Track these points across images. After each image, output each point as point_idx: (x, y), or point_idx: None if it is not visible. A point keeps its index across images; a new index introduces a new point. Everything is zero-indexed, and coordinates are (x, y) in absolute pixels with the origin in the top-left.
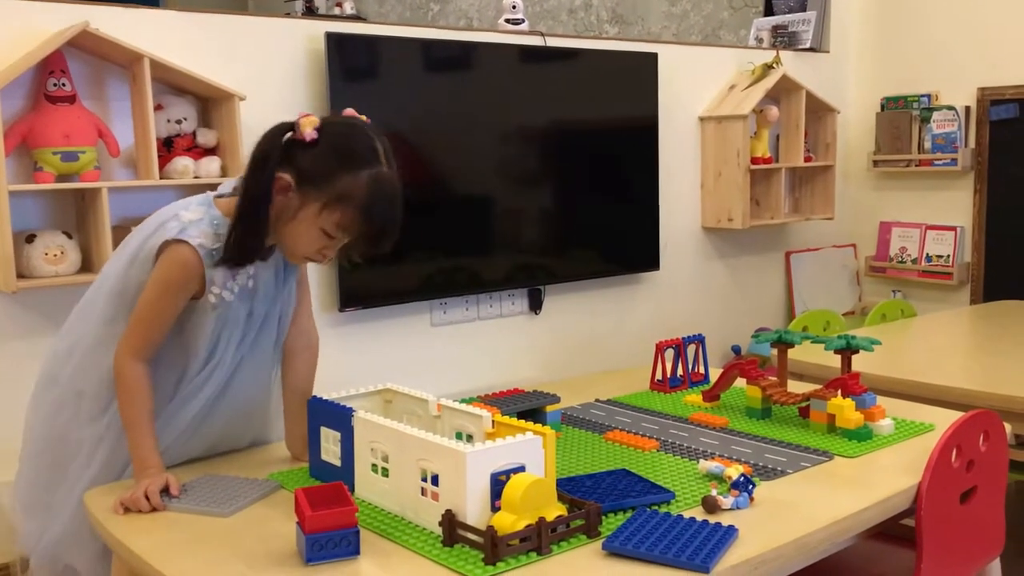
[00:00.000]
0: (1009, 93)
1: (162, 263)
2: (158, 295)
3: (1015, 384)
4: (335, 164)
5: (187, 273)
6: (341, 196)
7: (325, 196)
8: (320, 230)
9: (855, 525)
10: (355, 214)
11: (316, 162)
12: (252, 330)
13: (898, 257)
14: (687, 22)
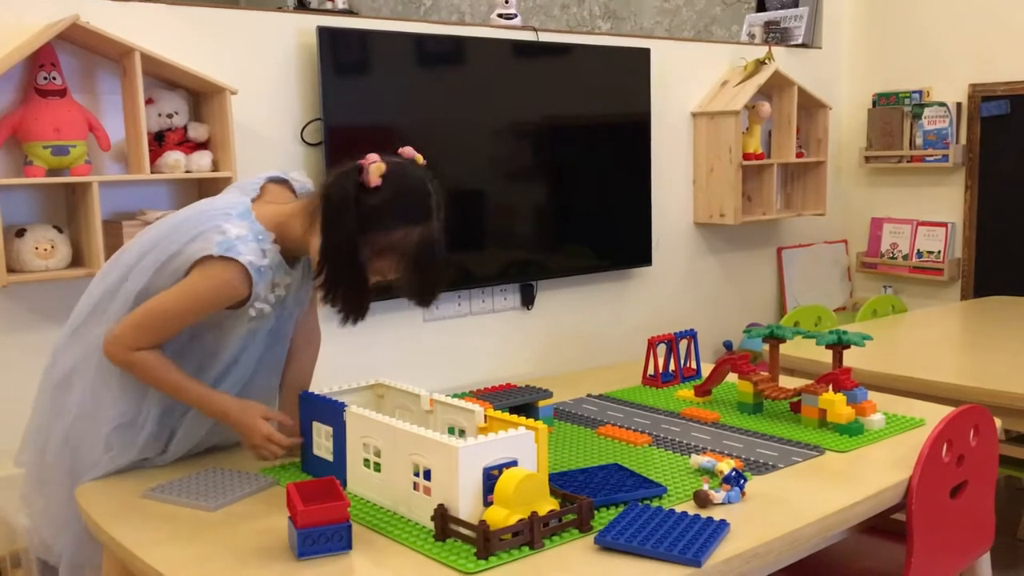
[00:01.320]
0: (1000, 89)
1: (200, 276)
2: (184, 306)
3: (1005, 379)
4: (395, 217)
5: (228, 293)
6: (393, 247)
7: (379, 244)
8: (363, 268)
9: (846, 519)
10: (401, 265)
11: (377, 212)
12: (273, 334)
13: (889, 253)
14: (679, 18)
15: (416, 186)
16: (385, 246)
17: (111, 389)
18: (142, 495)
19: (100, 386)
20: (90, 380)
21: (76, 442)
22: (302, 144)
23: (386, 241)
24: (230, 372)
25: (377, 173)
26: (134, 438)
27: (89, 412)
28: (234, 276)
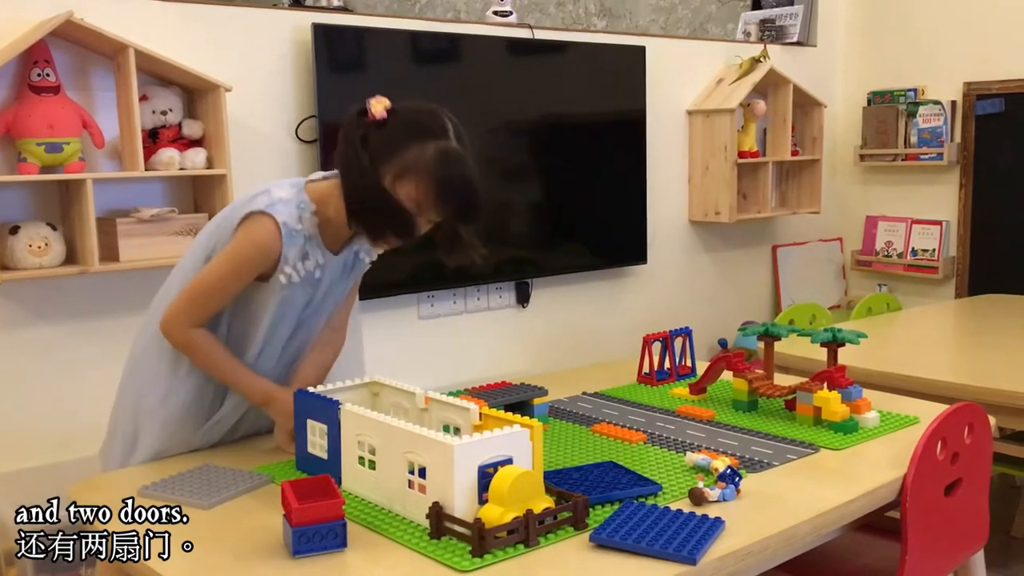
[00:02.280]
0: (995, 88)
1: (241, 235)
2: (228, 269)
3: (1000, 377)
4: (403, 137)
5: (264, 248)
6: (409, 167)
7: (395, 168)
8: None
9: (840, 517)
10: (425, 185)
11: (386, 139)
12: (305, 321)
13: (884, 251)
14: (675, 15)
15: (424, 108)
16: (402, 169)
17: (166, 373)
18: (137, 492)
19: (159, 368)
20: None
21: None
22: (297, 141)
23: (401, 164)
24: (257, 361)
25: (381, 107)
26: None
27: (147, 394)
28: (269, 231)
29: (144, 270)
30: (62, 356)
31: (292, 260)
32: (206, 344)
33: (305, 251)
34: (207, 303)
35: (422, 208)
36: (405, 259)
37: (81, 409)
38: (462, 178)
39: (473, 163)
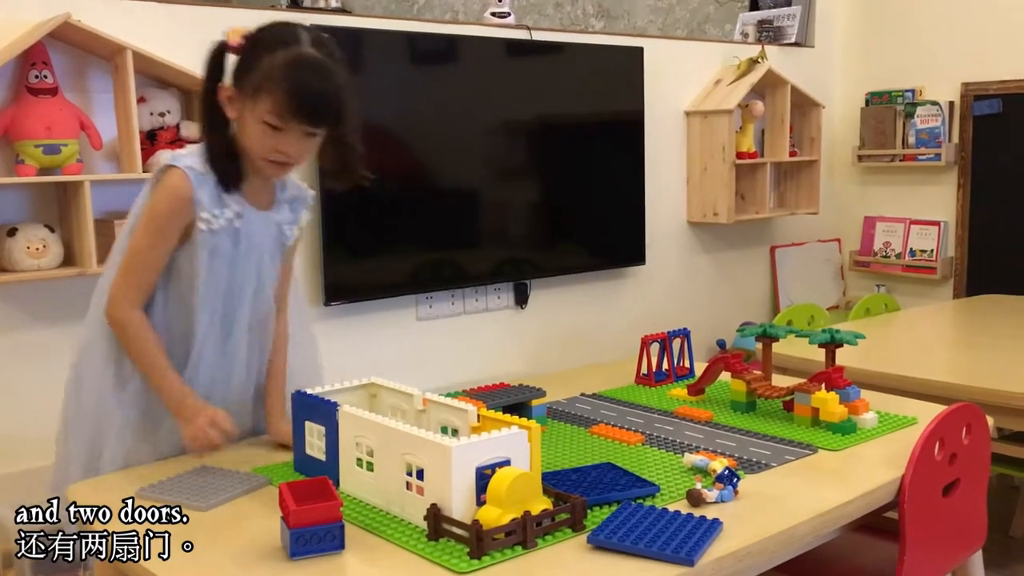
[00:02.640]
0: (992, 88)
1: (153, 195)
2: (150, 228)
3: (998, 377)
4: (255, 54)
5: (176, 195)
6: (263, 79)
7: (251, 85)
8: (261, 124)
9: (839, 518)
10: (280, 93)
11: (242, 61)
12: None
13: (882, 252)
14: (673, 16)
15: (277, 24)
16: (257, 82)
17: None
18: (136, 494)
19: (105, 370)
20: (103, 348)
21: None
22: None
23: (256, 79)
24: (203, 341)
25: (237, 36)
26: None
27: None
28: (178, 177)
29: None
30: (60, 358)
31: (207, 205)
32: (141, 328)
33: (218, 197)
34: (141, 271)
35: (283, 119)
36: (403, 260)
37: None
38: (315, 81)
39: (336, 67)
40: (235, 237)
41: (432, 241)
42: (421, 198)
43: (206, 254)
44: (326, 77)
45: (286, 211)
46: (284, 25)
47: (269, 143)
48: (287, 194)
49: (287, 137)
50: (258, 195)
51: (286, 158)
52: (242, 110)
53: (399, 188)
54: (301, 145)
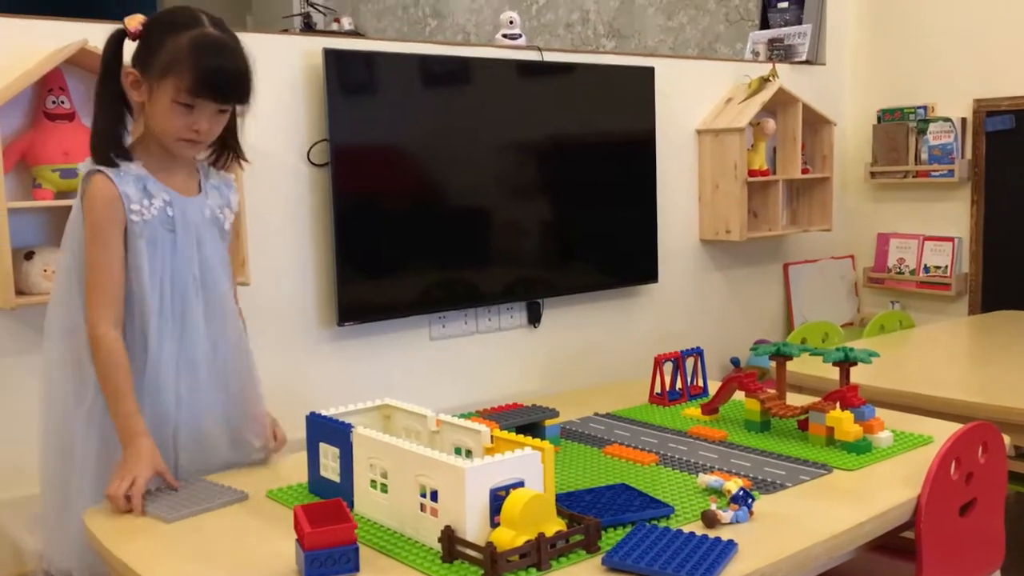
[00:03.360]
0: (1005, 104)
1: (85, 208)
2: (95, 241)
3: (1014, 395)
4: (158, 37)
5: (104, 198)
6: (169, 61)
7: (158, 67)
8: (171, 103)
9: (854, 539)
10: (185, 70)
11: (146, 45)
12: (185, 264)
13: (896, 268)
14: (683, 36)
15: (176, 9)
16: (164, 64)
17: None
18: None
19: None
20: (59, 367)
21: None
22: (308, 165)
23: (163, 61)
24: (160, 335)
25: (136, 22)
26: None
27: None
28: (100, 181)
29: None
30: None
31: (135, 198)
32: (112, 349)
33: (144, 189)
34: (106, 284)
35: (195, 97)
36: (416, 280)
37: None
38: (219, 57)
39: (236, 45)
40: (170, 224)
41: (445, 261)
42: (434, 218)
43: (144, 243)
44: (233, 54)
45: (216, 196)
46: (183, 8)
47: (182, 122)
48: (211, 181)
49: (199, 115)
50: (182, 183)
51: (198, 136)
52: (150, 93)
53: (412, 208)
54: (213, 121)
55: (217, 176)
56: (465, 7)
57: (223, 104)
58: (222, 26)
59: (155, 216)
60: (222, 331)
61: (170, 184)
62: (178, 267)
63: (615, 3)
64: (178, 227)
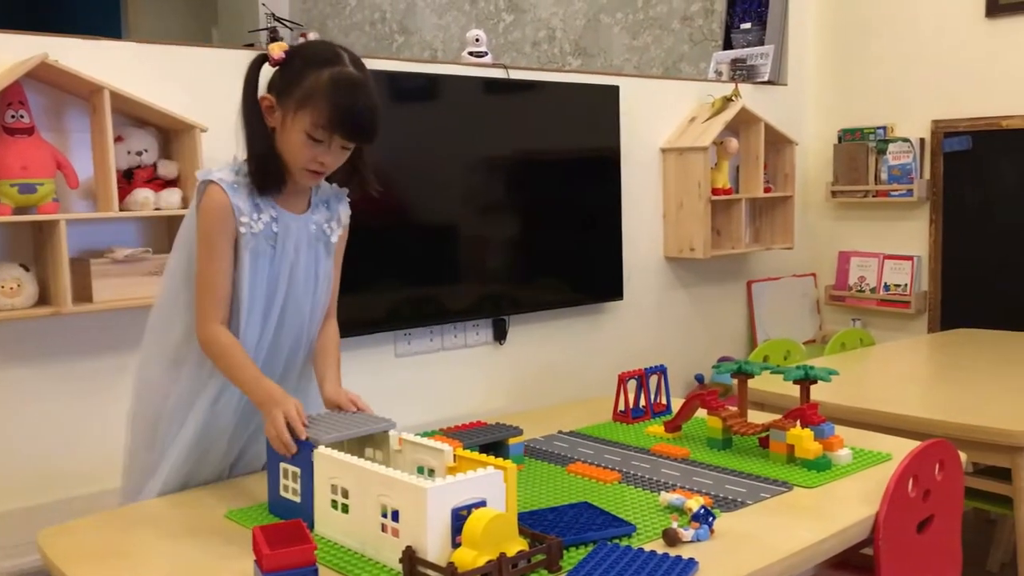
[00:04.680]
0: (962, 125)
1: (199, 216)
2: (206, 248)
3: (971, 412)
4: (300, 68)
5: (217, 208)
6: (308, 94)
7: (296, 98)
8: (304, 135)
9: (814, 556)
10: (323, 106)
11: (286, 74)
12: (280, 288)
13: (857, 286)
14: (648, 55)
15: (319, 41)
16: (301, 96)
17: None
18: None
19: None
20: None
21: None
22: None
23: (300, 94)
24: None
25: (280, 49)
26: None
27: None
28: (214, 191)
29: (118, 311)
30: (35, 398)
31: (246, 211)
32: (225, 342)
33: (255, 204)
34: (213, 289)
35: (326, 133)
36: (382, 297)
37: (55, 452)
38: (356, 98)
39: (372, 86)
40: (273, 239)
41: (410, 277)
42: (399, 235)
43: (248, 255)
44: (368, 96)
45: (323, 210)
46: (325, 44)
47: (309, 153)
48: (321, 196)
49: (327, 149)
50: (291, 202)
51: (322, 168)
52: (283, 120)
53: (377, 224)
54: (337, 156)
55: (329, 189)
56: (432, 24)
57: (351, 143)
58: (360, 65)
59: (261, 230)
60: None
61: (282, 200)
62: (272, 280)
63: (581, 22)
64: (279, 242)
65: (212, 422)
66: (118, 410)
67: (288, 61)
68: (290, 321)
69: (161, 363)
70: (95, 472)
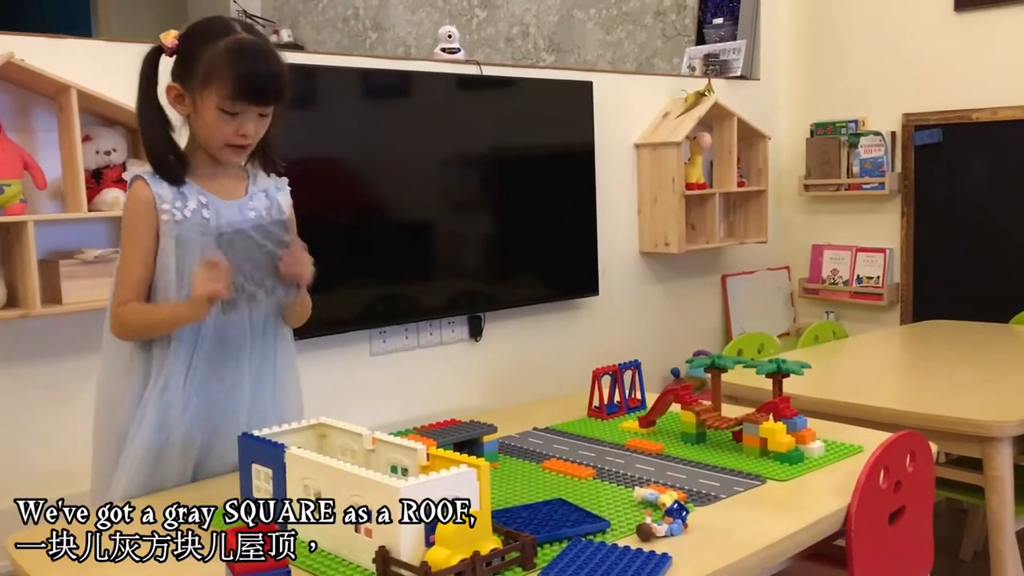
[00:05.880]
0: (933, 119)
1: (124, 212)
2: (125, 240)
3: (942, 403)
4: (196, 47)
5: (139, 201)
6: (209, 69)
7: (199, 77)
8: (216, 111)
9: (787, 548)
10: (228, 77)
11: (184, 57)
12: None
13: (830, 279)
14: (622, 50)
15: (208, 20)
16: (204, 73)
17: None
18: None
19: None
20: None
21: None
22: None
23: (203, 70)
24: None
25: (171, 37)
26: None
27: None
28: (138, 186)
29: (87, 312)
30: (3, 400)
31: (168, 199)
32: (132, 306)
33: (180, 193)
34: (126, 278)
35: (237, 103)
36: (357, 295)
37: (22, 455)
38: (261, 62)
39: (270, 48)
40: (205, 226)
41: (385, 275)
42: (374, 232)
43: (172, 243)
44: (269, 58)
45: (262, 199)
46: (215, 18)
47: (228, 128)
48: (259, 185)
49: (243, 120)
50: (228, 188)
51: (244, 140)
52: (193, 104)
53: (352, 222)
54: (257, 125)
55: (267, 179)
56: (406, 20)
57: (264, 107)
58: (253, 31)
59: (188, 218)
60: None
61: (214, 189)
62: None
63: (555, 18)
64: (211, 230)
65: (158, 430)
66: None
67: (183, 45)
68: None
69: (115, 375)
70: (64, 475)
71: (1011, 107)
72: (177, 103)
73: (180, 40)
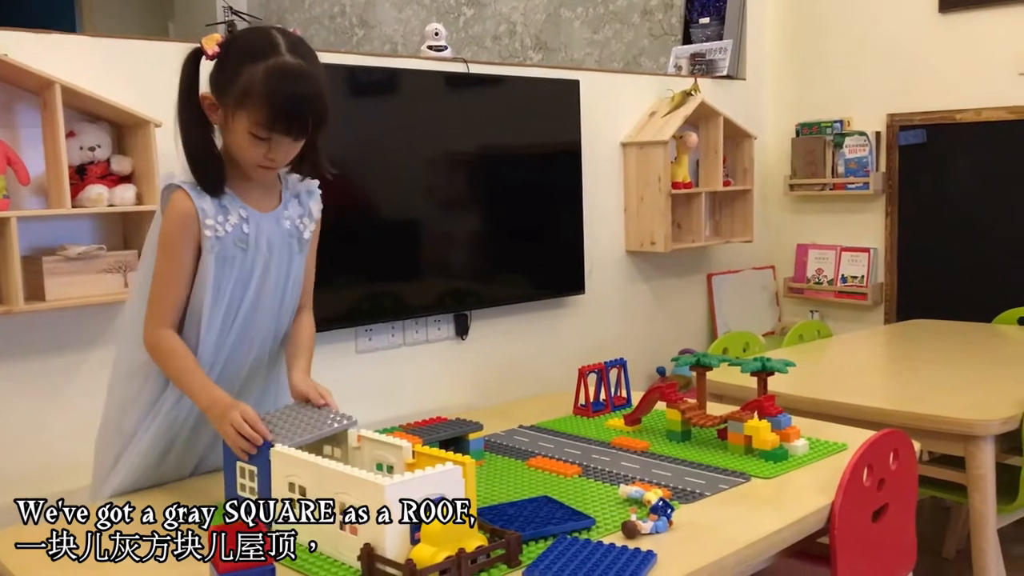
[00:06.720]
0: (917, 119)
1: (162, 220)
2: (165, 253)
3: (925, 402)
4: (235, 64)
5: (181, 213)
6: (245, 92)
7: (234, 97)
8: (248, 134)
9: (771, 546)
10: (262, 105)
11: (222, 70)
12: (253, 281)
13: (815, 278)
14: (609, 49)
15: (253, 32)
16: (239, 95)
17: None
18: None
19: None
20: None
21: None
22: None
23: (238, 91)
24: (216, 318)
25: (213, 43)
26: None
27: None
28: (179, 197)
29: (71, 309)
30: None
31: (211, 214)
32: (170, 343)
33: (221, 206)
34: (164, 294)
35: (270, 132)
36: (342, 293)
37: (6, 452)
38: (298, 92)
39: (313, 70)
40: (244, 242)
41: (372, 273)
42: (360, 230)
43: (213, 260)
44: (308, 86)
45: (295, 205)
46: (262, 31)
47: (258, 151)
48: (291, 191)
49: (275, 145)
50: (260, 196)
51: (274, 164)
52: (225, 119)
53: (338, 220)
54: (288, 150)
55: (298, 184)
56: (393, 18)
57: (298, 137)
58: (298, 50)
59: (229, 233)
60: (264, 341)
61: (248, 198)
62: (240, 282)
63: (542, 16)
64: (250, 245)
65: (167, 431)
66: (72, 409)
67: (223, 55)
68: (259, 320)
69: (129, 379)
70: (48, 472)
71: (995, 108)
72: (211, 111)
73: (221, 48)
